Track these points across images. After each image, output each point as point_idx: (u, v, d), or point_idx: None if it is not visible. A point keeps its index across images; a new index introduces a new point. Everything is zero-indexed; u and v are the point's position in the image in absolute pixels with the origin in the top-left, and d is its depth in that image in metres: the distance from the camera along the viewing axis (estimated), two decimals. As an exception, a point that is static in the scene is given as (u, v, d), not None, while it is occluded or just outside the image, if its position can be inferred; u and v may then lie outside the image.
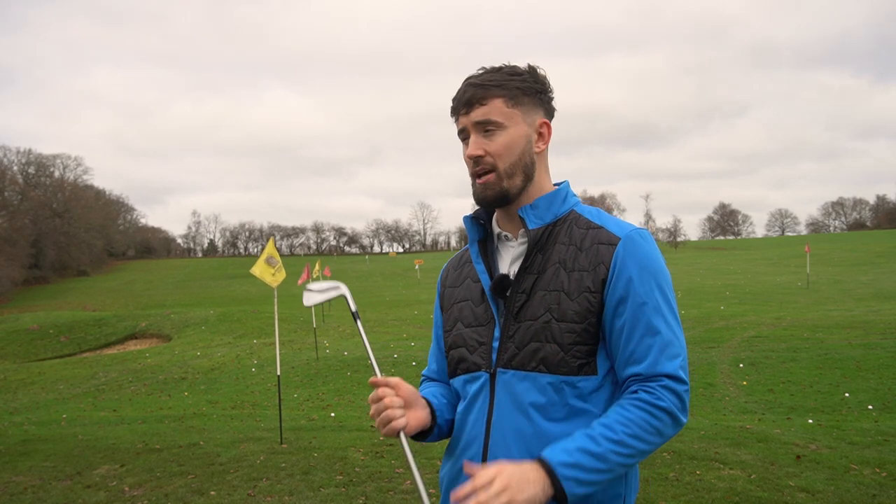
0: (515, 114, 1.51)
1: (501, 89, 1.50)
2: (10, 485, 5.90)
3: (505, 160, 1.50)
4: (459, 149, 1.59)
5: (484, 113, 1.49)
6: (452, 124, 1.58)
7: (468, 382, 1.56)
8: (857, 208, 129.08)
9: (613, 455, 1.35)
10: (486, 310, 1.56)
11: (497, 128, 1.50)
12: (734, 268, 46.41)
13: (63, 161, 79.52)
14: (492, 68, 1.55)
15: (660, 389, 1.40)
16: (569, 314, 1.44)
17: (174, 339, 23.88)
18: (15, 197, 68.25)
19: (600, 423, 1.39)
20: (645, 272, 1.45)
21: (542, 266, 1.50)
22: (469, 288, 1.63)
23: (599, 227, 1.51)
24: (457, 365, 1.60)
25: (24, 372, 18.67)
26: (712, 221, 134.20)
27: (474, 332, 1.57)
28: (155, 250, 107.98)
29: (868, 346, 12.52)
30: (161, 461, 6.43)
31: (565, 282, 1.47)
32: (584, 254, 1.48)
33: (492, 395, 1.50)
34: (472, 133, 1.52)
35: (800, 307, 21.32)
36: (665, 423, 1.40)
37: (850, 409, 8.41)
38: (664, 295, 1.46)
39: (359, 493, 5.18)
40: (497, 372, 1.50)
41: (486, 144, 1.50)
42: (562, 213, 1.56)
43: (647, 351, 1.42)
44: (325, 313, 25.38)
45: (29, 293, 55.23)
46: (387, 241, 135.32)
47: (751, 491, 4.82)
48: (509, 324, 1.50)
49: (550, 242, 1.52)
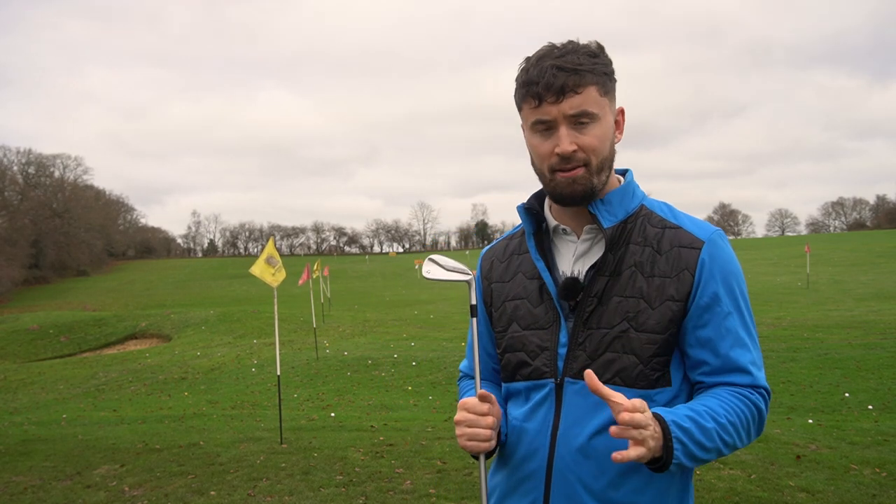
0: (605, 103, 1.37)
1: (594, 75, 1.34)
2: (10, 485, 5.90)
3: (598, 155, 1.36)
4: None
5: (580, 103, 1.32)
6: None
7: (532, 390, 1.45)
8: (857, 208, 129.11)
9: (717, 435, 1.28)
10: (546, 312, 1.44)
11: (591, 119, 1.34)
12: (734, 268, 46.31)
13: (63, 161, 79.60)
14: (570, 47, 1.35)
15: (759, 398, 1.36)
16: (650, 324, 1.34)
17: (174, 339, 23.87)
18: (15, 197, 68.26)
19: (701, 403, 1.32)
20: (730, 279, 1.37)
21: (616, 268, 1.39)
22: (523, 285, 1.49)
23: (677, 227, 1.41)
24: (516, 370, 1.47)
25: (24, 372, 18.67)
26: (712, 221, 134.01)
27: (535, 335, 1.44)
28: (155, 250, 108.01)
29: (868, 346, 12.51)
30: (161, 461, 6.43)
31: (644, 288, 1.36)
32: (665, 257, 1.37)
33: (558, 406, 1.40)
34: (561, 125, 1.34)
35: (800, 307, 21.31)
36: (756, 425, 1.36)
37: (850, 409, 8.41)
38: (746, 301, 1.40)
39: (359, 493, 5.18)
40: (565, 382, 1.39)
41: (578, 138, 1.34)
42: (633, 208, 1.44)
43: (741, 363, 1.35)
44: (325, 313, 25.38)
45: (29, 293, 55.21)
46: (387, 241, 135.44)
47: (751, 491, 4.82)
48: (578, 330, 1.39)
49: (623, 242, 1.40)
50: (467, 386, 1.66)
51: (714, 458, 1.31)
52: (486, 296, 1.58)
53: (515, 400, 1.50)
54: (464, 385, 1.69)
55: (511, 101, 1.47)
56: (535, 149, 1.40)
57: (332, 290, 32.49)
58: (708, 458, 1.29)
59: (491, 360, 1.62)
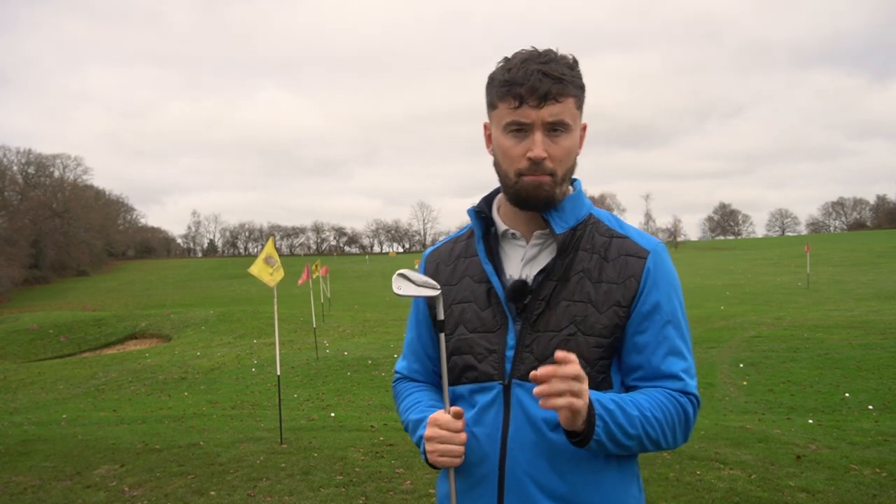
0: (578, 116, 1.41)
1: (574, 88, 1.38)
2: (10, 485, 5.89)
3: (564, 166, 1.40)
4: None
5: (559, 112, 1.35)
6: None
7: (476, 393, 1.45)
8: (857, 208, 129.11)
9: (640, 424, 1.32)
10: (494, 315, 1.45)
11: (565, 130, 1.37)
12: (734, 268, 46.40)
13: (63, 161, 79.48)
14: (551, 55, 1.38)
15: (686, 400, 1.40)
16: (597, 328, 1.38)
17: (174, 339, 23.88)
18: (15, 197, 68.24)
19: (628, 396, 1.36)
20: (671, 290, 1.44)
21: (565, 274, 1.42)
22: (471, 288, 1.49)
23: (624, 237, 1.46)
24: (462, 373, 1.48)
25: (24, 372, 18.67)
26: (712, 221, 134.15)
27: (482, 338, 1.45)
28: (155, 250, 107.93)
29: (868, 346, 12.51)
30: (161, 461, 6.42)
31: (592, 293, 1.40)
32: (612, 264, 1.42)
33: (506, 409, 1.41)
34: (537, 130, 1.35)
35: (800, 307, 21.31)
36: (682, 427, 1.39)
37: (851, 409, 8.41)
38: (683, 313, 1.47)
39: (359, 493, 5.18)
40: (512, 384, 1.41)
41: (550, 146, 1.37)
42: (582, 216, 1.47)
43: (674, 370, 1.41)
44: (325, 313, 25.38)
45: (29, 293, 55.19)
46: (387, 241, 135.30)
47: (751, 491, 4.82)
48: (526, 333, 1.41)
49: (572, 248, 1.44)
50: (408, 390, 1.64)
51: (637, 447, 1.35)
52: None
53: (459, 404, 1.50)
54: (403, 389, 1.66)
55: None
56: (505, 150, 1.41)
57: (332, 290, 32.48)
58: (631, 445, 1.33)
59: (431, 363, 1.63)
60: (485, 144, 1.51)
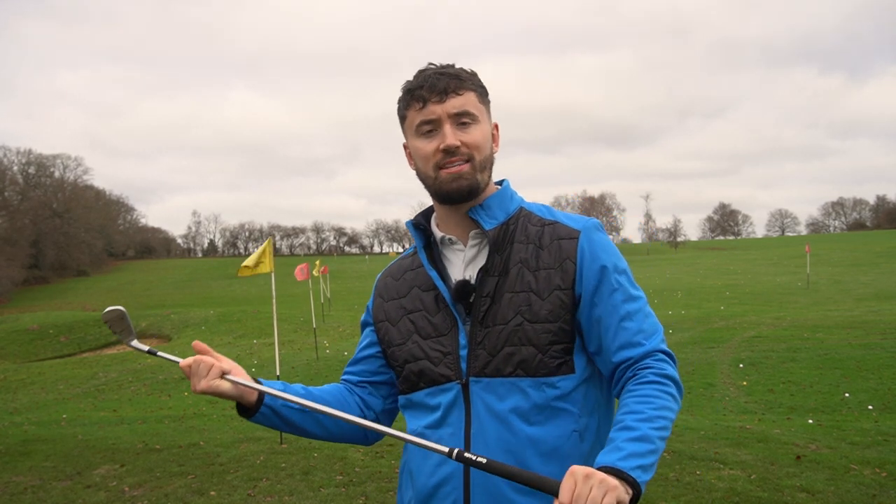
0: (484, 110, 1.50)
1: (473, 84, 1.49)
2: (10, 485, 5.90)
3: (481, 152, 1.47)
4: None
5: (462, 104, 1.45)
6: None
7: (433, 395, 1.48)
8: (857, 208, 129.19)
9: (652, 431, 1.31)
10: (444, 318, 1.49)
11: (472, 120, 1.46)
12: (734, 268, 46.39)
13: (63, 161, 79.40)
14: (449, 65, 1.51)
15: (656, 362, 1.41)
16: (542, 314, 1.42)
17: (174, 339, 23.90)
18: (15, 197, 68.23)
19: (623, 413, 1.36)
20: (609, 259, 1.46)
21: (504, 267, 1.47)
22: (420, 297, 1.54)
23: (554, 223, 1.51)
24: (419, 378, 1.50)
25: (24, 372, 18.67)
26: (712, 221, 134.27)
27: (435, 342, 1.49)
28: (155, 250, 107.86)
29: (868, 346, 12.51)
30: (161, 461, 6.43)
31: (532, 282, 1.44)
32: (547, 251, 1.46)
33: (467, 406, 1.43)
34: (445, 123, 1.44)
35: (800, 307, 21.32)
36: (672, 389, 1.40)
37: (850, 409, 8.41)
38: (629, 278, 1.49)
39: (359, 493, 5.18)
40: (470, 381, 1.44)
41: (461, 135, 1.45)
42: (512, 210, 1.54)
43: (631, 336, 1.42)
44: (325, 313, 25.38)
45: (29, 293, 55.19)
46: (387, 240, 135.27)
47: (751, 491, 4.82)
48: (476, 330, 1.45)
49: (507, 242, 1.49)
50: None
51: (663, 445, 1.35)
52: (379, 314, 1.62)
53: (416, 412, 1.53)
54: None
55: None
56: (419, 151, 1.48)
57: (332, 289, 32.48)
58: (659, 451, 1.33)
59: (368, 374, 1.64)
60: (408, 165, 1.58)
